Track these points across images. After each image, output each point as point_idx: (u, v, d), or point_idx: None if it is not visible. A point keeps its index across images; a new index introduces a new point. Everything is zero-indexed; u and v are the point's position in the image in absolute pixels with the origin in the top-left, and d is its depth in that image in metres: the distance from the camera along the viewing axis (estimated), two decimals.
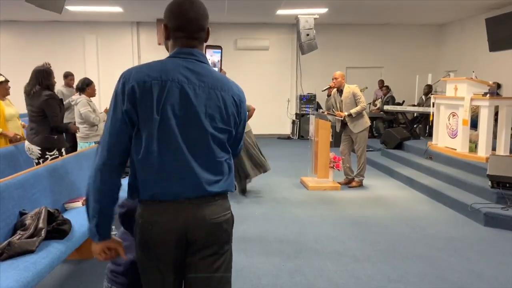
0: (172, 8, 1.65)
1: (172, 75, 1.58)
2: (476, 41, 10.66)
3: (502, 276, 3.52)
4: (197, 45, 1.68)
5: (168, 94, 1.55)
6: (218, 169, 1.65)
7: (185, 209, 1.58)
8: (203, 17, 1.67)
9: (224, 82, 1.69)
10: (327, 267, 3.65)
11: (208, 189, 1.61)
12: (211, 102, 1.62)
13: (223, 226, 1.66)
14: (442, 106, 7.08)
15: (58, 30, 11.73)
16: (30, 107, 4.33)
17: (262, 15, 10.81)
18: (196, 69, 1.63)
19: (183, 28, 1.64)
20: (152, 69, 1.58)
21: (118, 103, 1.56)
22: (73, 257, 3.67)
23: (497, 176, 5.06)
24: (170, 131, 1.56)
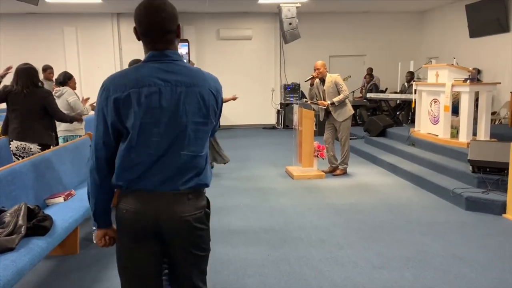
0: (138, 13, 1.70)
1: (148, 80, 1.66)
2: (456, 27, 10.77)
3: (483, 258, 3.59)
4: (168, 47, 1.73)
5: (146, 99, 1.65)
6: (194, 163, 1.74)
7: (158, 201, 1.71)
8: (168, 20, 1.70)
9: (200, 77, 1.76)
10: (312, 255, 3.68)
11: (184, 185, 1.72)
12: (189, 99, 1.70)
13: (192, 224, 1.75)
14: (424, 93, 7.14)
15: (36, 23, 11.48)
16: (22, 106, 4.22)
17: (244, 4, 10.74)
18: (171, 69, 1.71)
19: (149, 34, 1.71)
20: (128, 78, 1.68)
21: (100, 114, 1.70)
22: (56, 253, 3.64)
23: (477, 161, 5.14)
24: (151, 132, 1.67)
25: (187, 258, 1.80)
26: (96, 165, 1.74)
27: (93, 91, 10.02)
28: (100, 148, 1.72)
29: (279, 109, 12.44)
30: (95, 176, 1.74)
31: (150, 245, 1.76)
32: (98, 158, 1.73)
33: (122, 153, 1.70)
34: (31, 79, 4.24)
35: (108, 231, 1.88)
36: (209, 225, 1.87)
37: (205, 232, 1.84)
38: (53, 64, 7.74)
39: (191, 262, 1.82)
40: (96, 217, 1.83)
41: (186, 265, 1.82)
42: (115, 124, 1.68)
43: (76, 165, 4.52)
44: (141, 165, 1.69)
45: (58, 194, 3.79)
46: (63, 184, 4.07)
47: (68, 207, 3.57)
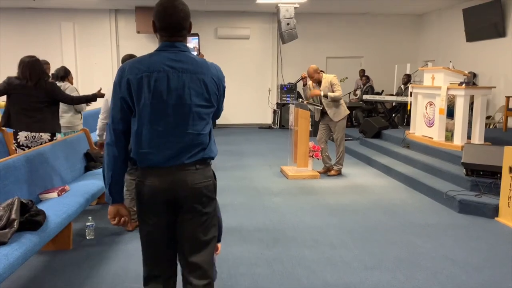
0: (158, 11, 1.96)
1: (159, 66, 1.91)
2: (453, 31, 10.82)
3: (473, 260, 3.62)
4: (180, 40, 2.00)
5: (156, 82, 1.90)
6: (198, 140, 1.97)
7: (170, 174, 1.94)
8: (184, 18, 1.97)
9: (204, 66, 2.00)
10: (305, 255, 3.69)
11: (190, 159, 1.95)
12: (193, 85, 1.94)
13: (203, 191, 1.99)
14: (420, 96, 7.18)
15: (33, 18, 11.42)
16: (31, 97, 4.25)
17: (243, 3, 10.73)
18: (179, 58, 1.95)
19: (166, 29, 1.96)
20: (142, 63, 1.93)
21: (116, 92, 1.94)
22: (48, 248, 3.63)
23: (471, 164, 5.17)
24: (159, 112, 1.91)
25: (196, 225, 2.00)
26: (114, 138, 1.95)
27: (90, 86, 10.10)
28: (117, 122, 1.94)
29: (275, 109, 12.45)
30: (113, 149, 1.95)
31: (165, 213, 1.99)
32: (115, 131, 1.95)
33: (134, 130, 1.94)
34: (41, 72, 4.34)
35: (120, 207, 2.05)
36: (216, 198, 2.10)
37: (213, 203, 2.06)
38: (50, 59, 7.65)
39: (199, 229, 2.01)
40: (110, 190, 2.00)
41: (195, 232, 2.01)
42: (126, 99, 1.91)
43: (70, 161, 4.51)
44: (152, 141, 1.92)
45: (51, 189, 3.79)
46: (57, 180, 4.05)
47: (62, 202, 3.56)
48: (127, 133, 1.97)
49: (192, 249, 2.03)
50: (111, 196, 2.01)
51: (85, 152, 4.98)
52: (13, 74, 4.41)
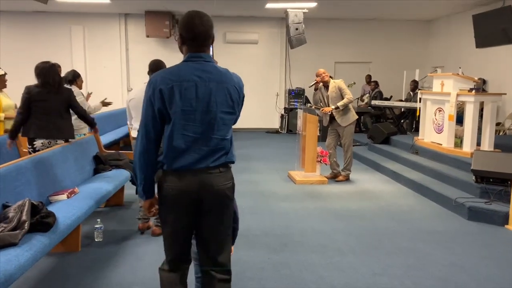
0: (186, 22, 2.10)
1: (187, 76, 2.07)
2: (463, 37, 10.76)
3: (483, 269, 3.58)
4: (205, 50, 2.16)
5: (186, 91, 2.05)
6: (222, 145, 2.13)
7: (198, 177, 2.09)
8: (210, 29, 2.14)
9: (228, 75, 2.17)
10: (312, 260, 3.68)
11: (215, 162, 2.11)
12: (219, 93, 2.10)
13: (226, 192, 2.16)
14: (429, 102, 7.15)
15: (44, 21, 11.55)
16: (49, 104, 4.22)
17: (251, 8, 10.77)
18: (205, 69, 2.11)
19: (194, 39, 2.11)
20: (172, 74, 2.08)
21: (149, 103, 2.08)
22: (58, 250, 3.66)
23: (481, 171, 5.13)
24: (188, 119, 2.06)
25: (217, 224, 2.18)
26: (147, 146, 2.10)
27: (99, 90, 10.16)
28: (149, 130, 2.09)
29: (283, 114, 12.46)
30: (146, 156, 2.11)
31: (189, 214, 2.13)
32: (148, 140, 2.10)
33: (167, 135, 2.08)
34: (59, 77, 4.38)
35: (153, 200, 2.23)
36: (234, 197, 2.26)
37: (232, 203, 2.24)
38: (60, 62, 7.73)
39: (220, 227, 2.19)
40: (145, 190, 2.17)
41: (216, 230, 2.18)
42: (161, 110, 2.06)
43: (79, 163, 4.54)
44: (181, 145, 2.06)
45: (61, 192, 3.81)
46: (67, 182, 4.08)
47: (71, 204, 3.59)
48: (158, 139, 2.12)
49: (216, 248, 2.21)
50: (145, 194, 2.19)
51: (94, 154, 5.01)
52: (23, 76, 4.45)
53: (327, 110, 6.31)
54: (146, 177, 2.15)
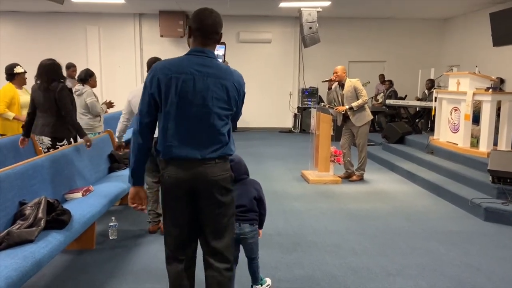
0: (195, 14, 2.19)
1: (187, 69, 2.12)
2: (479, 35, 10.60)
3: (499, 270, 3.52)
4: (210, 44, 2.21)
5: (183, 83, 2.10)
6: (218, 138, 2.18)
7: (193, 166, 2.15)
8: (217, 24, 2.20)
9: (227, 72, 2.21)
10: (326, 260, 3.66)
11: (211, 154, 2.16)
12: (216, 88, 2.14)
13: (220, 183, 2.20)
14: (444, 101, 7.05)
15: (60, 21, 11.71)
16: (40, 100, 4.25)
17: (265, 7, 10.76)
18: (205, 63, 2.16)
19: (201, 30, 2.17)
20: (172, 65, 2.13)
21: (146, 89, 2.14)
22: (72, 247, 3.70)
23: (497, 171, 5.05)
24: (184, 109, 2.11)
25: (215, 213, 2.21)
26: (140, 128, 2.17)
27: (113, 89, 10.26)
28: (144, 115, 2.16)
29: (296, 113, 12.42)
30: (138, 137, 2.17)
31: (187, 201, 2.20)
32: (141, 122, 2.16)
33: (161, 125, 2.15)
34: (51, 75, 4.24)
35: (140, 189, 2.28)
36: (233, 188, 2.30)
37: (230, 193, 2.26)
38: (76, 62, 7.87)
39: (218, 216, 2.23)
40: (133, 173, 2.23)
41: (214, 219, 2.22)
42: (154, 95, 2.11)
43: (94, 162, 4.59)
44: (177, 135, 2.12)
45: (76, 190, 3.86)
46: (82, 180, 4.13)
47: (86, 202, 3.63)
48: (151, 125, 2.18)
49: (212, 235, 2.25)
50: (133, 178, 2.24)
51: (109, 153, 5.06)
52: None
53: (341, 110, 6.27)
54: (136, 160, 2.20)
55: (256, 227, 2.95)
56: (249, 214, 2.87)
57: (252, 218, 2.89)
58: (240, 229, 2.82)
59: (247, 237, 2.88)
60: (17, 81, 5.41)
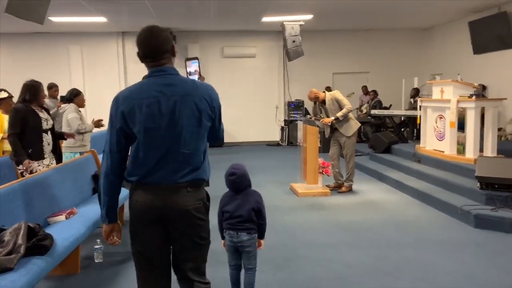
0: (139, 39, 2.05)
1: (148, 93, 2.00)
2: (460, 44, 10.78)
3: (493, 277, 3.49)
4: (166, 63, 2.07)
5: (148, 108, 1.98)
6: (191, 160, 2.05)
7: (163, 193, 2.02)
8: (164, 42, 2.05)
9: (194, 86, 2.08)
10: (319, 275, 3.59)
11: (182, 178, 2.04)
12: (183, 106, 2.01)
13: (193, 213, 2.06)
14: (429, 109, 7.09)
15: (42, 42, 11.62)
16: None
17: (248, 22, 10.81)
18: (168, 82, 2.04)
19: (148, 55, 2.06)
20: (133, 92, 2.03)
21: (113, 124, 2.03)
22: (56, 273, 3.57)
23: (485, 178, 5.06)
24: (154, 136, 1.99)
25: (187, 244, 2.10)
26: (111, 167, 2.05)
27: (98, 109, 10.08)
28: (115, 151, 2.04)
29: (283, 126, 12.42)
30: (111, 177, 2.05)
31: (157, 229, 2.07)
32: (113, 160, 2.04)
33: (132, 154, 2.03)
34: (23, 95, 4.26)
35: (115, 225, 2.18)
36: (208, 218, 2.17)
37: (204, 222, 2.14)
38: (58, 82, 7.77)
39: (191, 248, 2.11)
40: (108, 213, 2.12)
41: (187, 250, 2.11)
42: (123, 129, 2.00)
43: (78, 183, 4.48)
44: (147, 162, 2.01)
45: (59, 212, 3.74)
46: (65, 202, 4.01)
47: (70, 225, 3.52)
48: (123, 161, 2.06)
49: (189, 268, 2.14)
50: (108, 217, 2.14)
51: (93, 174, 4.95)
52: None
53: (327, 121, 6.26)
54: (109, 200, 2.09)
55: (255, 236, 3.00)
56: (246, 224, 2.94)
57: (250, 227, 2.95)
58: (237, 237, 2.92)
59: (245, 245, 2.94)
60: (3, 106, 5.31)
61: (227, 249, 3.03)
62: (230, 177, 2.99)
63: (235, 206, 2.96)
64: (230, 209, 2.96)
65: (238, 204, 2.94)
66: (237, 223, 2.92)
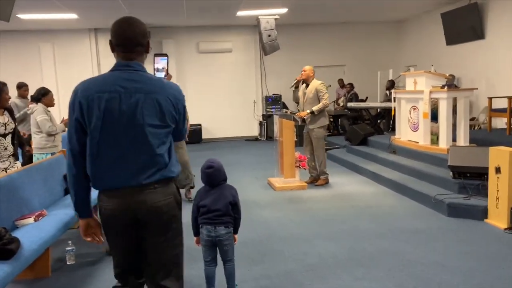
0: (114, 28, 1.97)
1: (111, 87, 1.90)
2: (433, 35, 10.92)
3: (464, 265, 3.55)
4: (135, 58, 1.99)
5: (107, 103, 1.88)
6: (155, 161, 1.95)
7: (128, 195, 1.92)
8: (140, 34, 1.98)
9: (160, 85, 1.98)
10: (293, 269, 3.59)
11: (147, 180, 1.93)
12: (146, 105, 1.91)
13: (163, 209, 1.98)
14: (403, 101, 7.17)
15: (11, 40, 11.29)
16: None
17: (223, 17, 10.73)
18: (132, 78, 1.94)
19: (122, 44, 1.97)
20: (94, 84, 1.93)
21: (70, 114, 1.94)
22: (26, 277, 3.48)
23: (457, 167, 5.14)
24: (111, 132, 1.89)
25: (160, 246, 2.01)
26: (72, 158, 1.96)
27: None
28: (74, 142, 1.94)
29: (261, 121, 12.41)
30: (72, 168, 1.97)
31: (129, 232, 1.99)
32: (72, 151, 1.96)
33: (89, 152, 1.92)
34: None
35: (90, 221, 2.08)
36: (180, 215, 2.10)
37: (177, 221, 2.07)
38: (30, 81, 7.59)
39: (163, 250, 2.03)
40: (77, 207, 2.04)
41: (158, 252, 2.02)
42: (79, 121, 1.91)
43: (48, 184, 4.37)
44: (106, 163, 1.91)
45: (28, 215, 3.64)
46: (35, 204, 3.91)
47: (38, 228, 3.42)
48: (84, 152, 1.96)
49: (160, 274, 2.03)
50: (78, 211, 2.06)
51: (65, 174, 4.84)
52: None
53: (303, 115, 6.26)
54: (76, 193, 2.00)
55: (231, 230, 3.02)
56: (224, 218, 2.95)
57: (227, 221, 2.97)
58: (215, 231, 2.93)
59: (223, 239, 2.96)
60: None
61: (203, 244, 3.02)
62: (207, 170, 2.99)
63: (211, 200, 2.96)
64: (207, 203, 2.96)
65: (215, 198, 2.95)
66: (215, 217, 2.93)
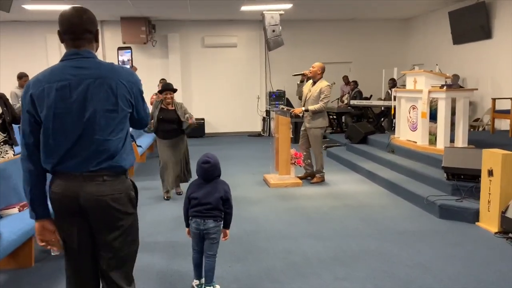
0: (61, 17, 1.97)
1: (60, 76, 1.91)
2: (440, 34, 10.77)
3: (449, 268, 3.50)
4: (84, 45, 1.98)
5: (58, 92, 1.89)
6: (106, 147, 1.92)
7: (76, 182, 1.91)
8: (86, 21, 1.97)
9: (110, 69, 1.97)
10: (275, 267, 3.57)
11: (96, 166, 1.91)
12: (97, 90, 1.91)
13: (111, 204, 1.93)
14: (403, 100, 7.08)
15: (18, 30, 11.39)
16: None
17: (228, 11, 10.69)
18: (81, 65, 1.94)
19: (67, 31, 1.96)
20: (44, 75, 1.93)
21: (23, 107, 1.94)
22: (8, 267, 3.51)
23: (451, 168, 5.06)
24: (62, 120, 1.89)
25: (107, 240, 1.96)
26: (27, 152, 1.93)
27: None
28: (27, 136, 1.92)
29: (264, 117, 12.37)
30: (28, 164, 1.92)
31: (77, 221, 1.94)
32: (27, 145, 1.93)
33: (42, 140, 1.91)
34: None
35: (45, 223, 1.99)
36: (135, 212, 2.06)
37: (127, 217, 2.00)
38: (36, 71, 7.51)
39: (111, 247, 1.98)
40: (33, 206, 1.96)
41: (106, 247, 1.98)
42: (31, 113, 1.90)
43: None
44: (59, 149, 1.89)
45: (13, 205, 3.68)
46: (20, 195, 3.94)
47: (21, 218, 3.45)
48: (38, 146, 1.93)
49: (107, 264, 2.00)
50: (34, 211, 1.96)
51: None
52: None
53: (298, 112, 6.22)
54: (32, 189, 1.94)
55: (220, 224, 3.07)
56: (214, 212, 3.00)
57: (217, 215, 3.02)
58: (204, 224, 2.98)
59: (210, 232, 3.01)
60: None
61: (192, 236, 3.09)
62: (204, 165, 3.04)
63: (203, 193, 3.01)
64: (198, 196, 3.00)
65: (207, 192, 3.01)
66: (205, 210, 2.98)
